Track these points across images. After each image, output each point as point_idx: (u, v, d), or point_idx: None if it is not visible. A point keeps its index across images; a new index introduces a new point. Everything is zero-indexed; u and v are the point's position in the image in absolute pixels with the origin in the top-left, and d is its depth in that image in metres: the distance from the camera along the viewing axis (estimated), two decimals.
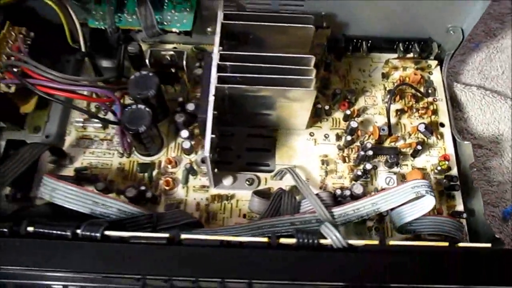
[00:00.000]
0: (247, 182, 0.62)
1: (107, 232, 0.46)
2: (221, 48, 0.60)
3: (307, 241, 0.46)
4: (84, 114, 0.65)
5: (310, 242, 0.46)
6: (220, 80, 0.56)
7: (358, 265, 0.45)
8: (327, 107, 0.66)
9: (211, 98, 0.55)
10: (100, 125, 0.66)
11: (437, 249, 0.46)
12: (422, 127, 0.65)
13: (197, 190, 0.62)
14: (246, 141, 0.66)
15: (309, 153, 0.65)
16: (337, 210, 0.56)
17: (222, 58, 0.58)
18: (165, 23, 0.61)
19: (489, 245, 0.45)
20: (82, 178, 0.62)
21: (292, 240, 0.46)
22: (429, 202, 0.53)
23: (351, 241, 0.46)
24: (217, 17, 0.60)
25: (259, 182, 0.63)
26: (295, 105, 0.60)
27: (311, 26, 0.60)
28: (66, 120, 0.67)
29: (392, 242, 0.46)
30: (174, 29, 0.60)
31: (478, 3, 0.64)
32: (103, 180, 0.62)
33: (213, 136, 0.55)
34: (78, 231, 0.46)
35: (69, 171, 0.63)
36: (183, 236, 0.46)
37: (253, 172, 0.64)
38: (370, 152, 0.62)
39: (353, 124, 0.64)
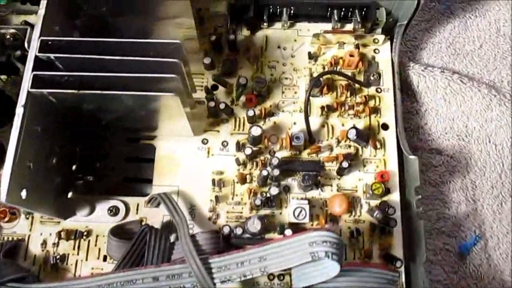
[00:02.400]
0: (110, 212, 0.46)
1: None
2: (58, 27, 0.42)
3: None
4: None
5: None
6: (39, 81, 0.38)
7: None
8: (222, 106, 0.48)
9: (19, 111, 0.37)
10: None
11: None
12: (352, 134, 0.47)
13: (45, 222, 0.46)
14: (123, 149, 0.49)
15: (199, 169, 0.48)
16: (216, 261, 0.40)
17: (45, 46, 0.39)
18: None
19: None
20: None
21: None
22: (331, 268, 0.36)
23: None
24: None
25: (127, 211, 0.47)
26: (162, 112, 0.42)
27: None
28: None
29: None
30: None
31: None
32: None
33: (29, 163, 0.38)
34: None
35: None
36: None
37: (129, 193, 0.47)
38: (276, 172, 0.45)
39: (256, 131, 0.46)
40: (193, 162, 0.48)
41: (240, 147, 0.48)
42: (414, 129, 0.53)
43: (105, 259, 0.45)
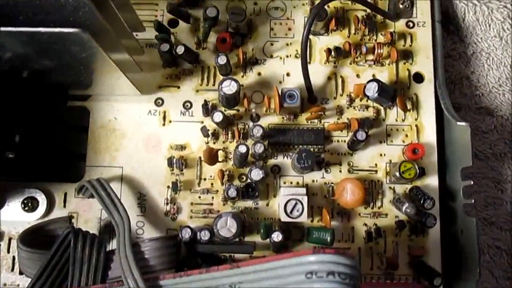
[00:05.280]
0: (24, 206, 0.33)
1: None
2: None
3: None
4: None
5: None
6: None
7: None
8: (180, 50, 0.32)
9: None
10: None
11: None
12: (372, 90, 0.32)
13: None
14: (47, 115, 0.35)
15: (151, 143, 0.34)
16: (168, 285, 0.27)
17: None
18: None
19: None
20: None
21: None
22: None
23: None
24: None
25: (50, 205, 0.33)
26: (80, 61, 0.27)
27: None
28: None
29: None
30: None
31: None
32: None
33: None
34: None
35: None
36: None
37: (55, 178, 0.33)
38: (260, 148, 0.31)
39: (229, 87, 0.31)
40: (142, 133, 0.34)
41: (209, 110, 0.33)
42: (456, 79, 0.38)
43: (22, 272, 0.32)
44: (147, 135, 0.34)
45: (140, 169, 0.33)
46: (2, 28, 0.23)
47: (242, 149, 0.31)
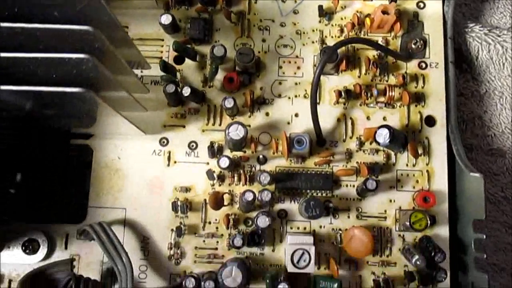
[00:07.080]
0: (25, 249, 0.32)
1: None
2: None
3: None
4: None
5: None
6: None
7: None
8: (186, 91, 0.31)
9: None
10: None
11: None
12: (384, 137, 0.31)
13: None
14: (49, 153, 0.34)
15: (155, 184, 0.33)
16: None
17: None
18: None
19: None
20: None
21: None
22: None
23: None
24: None
25: (51, 247, 0.32)
26: (83, 107, 0.27)
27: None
28: None
29: None
30: None
31: None
32: None
33: None
34: None
35: None
36: None
37: (56, 218, 0.33)
38: (267, 196, 0.30)
39: (236, 132, 0.30)
40: (146, 174, 0.33)
41: (215, 152, 0.32)
42: (468, 119, 0.37)
43: None
44: (151, 176, 0.33)
45: (144, 211, 0.32)
46: (3, 87, 0.22)
47: (249, 196, 0.30)
